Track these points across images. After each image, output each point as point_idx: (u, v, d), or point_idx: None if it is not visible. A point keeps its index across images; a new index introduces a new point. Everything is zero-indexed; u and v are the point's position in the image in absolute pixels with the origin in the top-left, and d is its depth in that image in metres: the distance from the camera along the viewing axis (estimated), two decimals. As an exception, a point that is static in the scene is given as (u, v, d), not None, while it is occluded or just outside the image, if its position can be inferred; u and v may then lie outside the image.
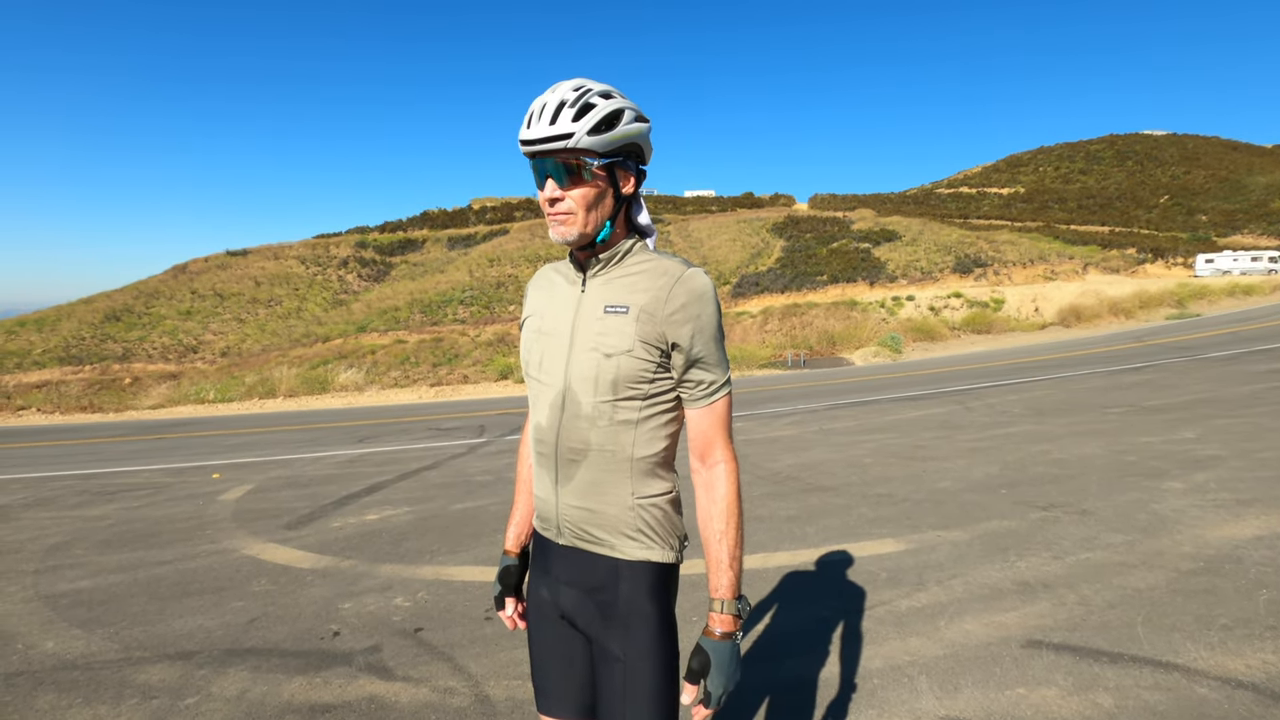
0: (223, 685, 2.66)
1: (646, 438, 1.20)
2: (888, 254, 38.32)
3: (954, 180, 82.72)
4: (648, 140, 1.24)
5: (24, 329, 35.84)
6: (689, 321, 1.16)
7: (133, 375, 28.07)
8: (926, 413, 8.69)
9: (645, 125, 1.23)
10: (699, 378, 1.19)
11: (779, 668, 2.61)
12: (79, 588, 3.85)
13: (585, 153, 1.16)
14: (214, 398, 17.74)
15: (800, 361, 20.59)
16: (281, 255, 44.59)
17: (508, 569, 1.46)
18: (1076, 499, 4.44)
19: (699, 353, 1.18)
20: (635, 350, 1.16)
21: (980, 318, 26.82)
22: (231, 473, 7.32)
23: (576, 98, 1.16)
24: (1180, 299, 27.44)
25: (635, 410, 1.19)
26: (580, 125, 1.15)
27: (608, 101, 1.17)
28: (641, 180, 1.28)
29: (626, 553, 1.23)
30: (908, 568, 3.48)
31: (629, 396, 1.18)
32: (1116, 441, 6.04)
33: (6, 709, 2.56)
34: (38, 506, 6.06)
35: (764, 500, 4.94)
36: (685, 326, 1.16)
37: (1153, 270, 36.79)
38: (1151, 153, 74.54)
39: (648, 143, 1.25)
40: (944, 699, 2.32)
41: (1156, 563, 3.32)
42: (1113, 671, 2.40)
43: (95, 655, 2.97)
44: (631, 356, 1.16)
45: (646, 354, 1.17)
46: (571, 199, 1.18)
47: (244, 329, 35.59)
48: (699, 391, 1.20)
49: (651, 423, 1.20)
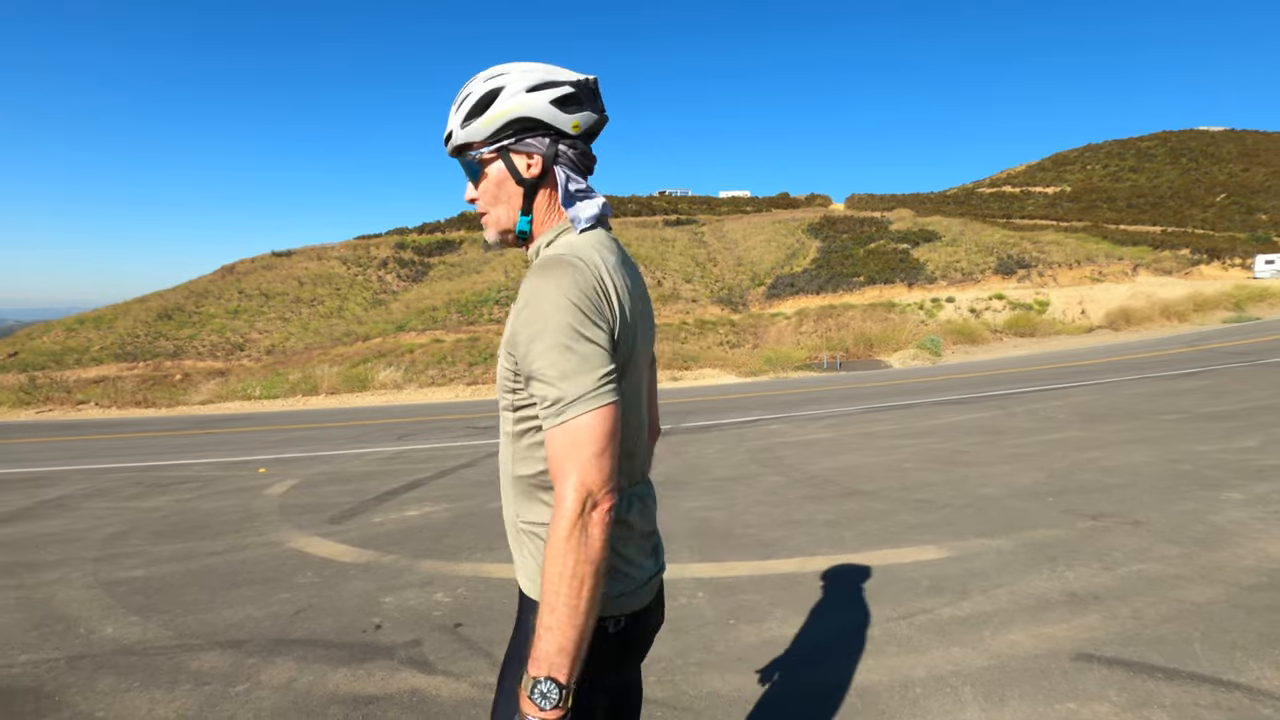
0: (271, 674, 2.74)
1: (524, 455, 1.08)
2: (927, 255, 37.54)
3: (996, 179, 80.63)
4: (553, 108, 1.07)
5: (83, 326, 37.45)
6: (524, 325, 0.99)
7: (183, 371, 29.12)
8: (968, 417, 8.49)
9: (542, 94, 1.07)
10: (537, 391, 0.99)
11: (817, 672, 2.58)
12: (135, 576, 4.01)
13: (468, 147, 1.11)
14: (259, 394, 18.30)
15: (836, 364, 20.32)
16: (324, 256, 45.75)
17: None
18: (1128, 508, 4.28)
19: (531, 362, 0.98)
20: (502, 358, 1.08)
21: (1023, 320, 26.09)
22: (277, 467, 7.53)
23: (463, 94, 1.11)
24: (1238, 301, 26.26)
25: (511, 423, 1.09)
26: (456, 119, 1.10)
27: (485, 84, 1.09)
28: (573, 153, 1.10)
29: (520, 579, 1.14)
30: (950, 575, 3.41)
31: (504, 407, 1.10)
32: (1170, 449, 5.81)
33: (69, 689, 2.67)
34: (97, 497, 6.33)
35: (801, 504, 4.89)
36: (522, 330, 0.99)
37: (1208, 271, 35.31)
38: (1208, 149, 71.57)
39: (556, 110, 1.07)
40: (990, 711, 2.26)
41: (1215, 576, 3.19)
42: (1169, 689, 2.31)
43: (151, 641, 3.09)
44: (501, 364, 1.08)
45: (508, 361, 1.06)
46: (480, 199, 1.13)
47: (288, 327, 36.61)
48: (541, 409, 0.99)
49: (527, 439, 1.07)
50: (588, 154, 1.14)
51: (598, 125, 1.14)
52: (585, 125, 1.11)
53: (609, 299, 1.01)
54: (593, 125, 1.13)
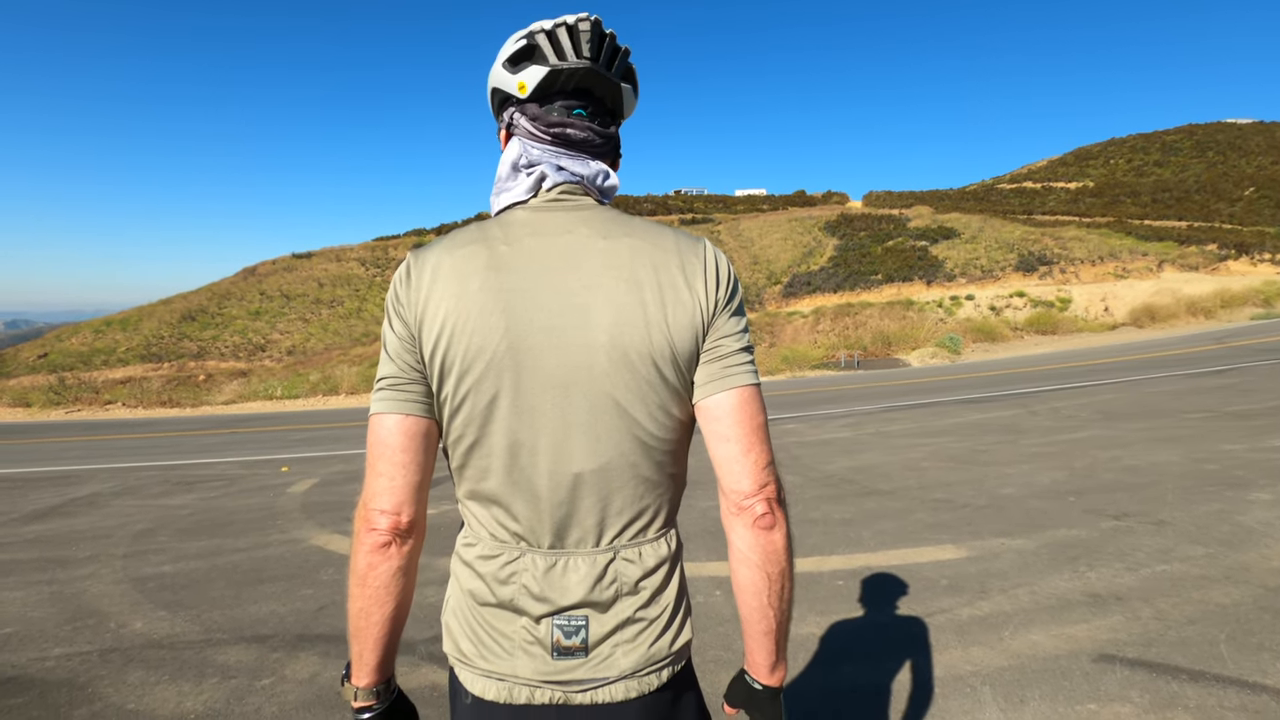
0: (295, 669, 2.80)
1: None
2: (945, 252, 37.15)
3: (1017, 175, 79.58)
4: (504, 70, 0.92)
5: (110, 328, 38.27)
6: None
7: (206, 372, 29.62)
8: (987, 416, 8.40)
9: (499, 63, 0.92)
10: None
11: (834, 672, 2.58)
12: (163, 572, 4.10)
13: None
14: (281, 394, 18.57)
15: (854, 362, 20.17)
16: (343, 257, 46.31)
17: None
18: (1152, 508, 4.22)
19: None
20: None
21: (1045, 318, 25.72)
22: (299, 466, 7.65)
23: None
24: (1267, 298, 25.69)
25: None
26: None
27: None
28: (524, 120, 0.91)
29: None
30: (969, 575, 3.38)
31: None
32: (1195, 449, 5.71)
33: (101, 681, 2.75)
34: (126, 495, 6.47)
35: (817, 503, 4.87)
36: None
37: (1236, 267, 34.56)
38: (1235, 142, 70.06)
39: (505, 73, 0.91)
40: (1009, 711, 2.25)
41: (1241, 578, 3.14)
42: (1193, 690, 2.29)
43: (179, 635, 3.16)
44: None
45: None
46: None
47: (308, 328, 37.11)
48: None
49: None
50: (543, 118, 0.89)
51: (550, 80, 0.88)
52: (533, 83, 0.88)
53: (415, 295, 0.84)
54: (543, 81, 0.88)
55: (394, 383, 0.85)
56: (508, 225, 0.87)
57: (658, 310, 0.83)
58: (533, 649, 0.85)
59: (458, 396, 0.83)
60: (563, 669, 0.85)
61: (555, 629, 0.85)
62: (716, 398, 0.85)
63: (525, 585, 0.86)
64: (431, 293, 0.83)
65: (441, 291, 0.82)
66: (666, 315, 0.83)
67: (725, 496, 0.87)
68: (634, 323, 0.82)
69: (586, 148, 0.91)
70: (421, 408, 0.85)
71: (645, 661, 0.86)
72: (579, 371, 0.82)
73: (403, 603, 0.88)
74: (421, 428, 0.85)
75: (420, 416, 0.85)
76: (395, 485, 0.84)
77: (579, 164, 0.91)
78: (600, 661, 0.85)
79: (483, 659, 0.87)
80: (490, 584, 0.87)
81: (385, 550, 0.84)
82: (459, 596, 0.91)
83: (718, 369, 0.86)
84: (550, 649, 0.85)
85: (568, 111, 0.90)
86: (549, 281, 0.83)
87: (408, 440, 0.84)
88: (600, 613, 0.86)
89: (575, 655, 0.85)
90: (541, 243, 0.85)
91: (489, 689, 0.87)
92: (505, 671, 0.86)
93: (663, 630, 0.88)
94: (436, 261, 0.84)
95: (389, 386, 0.85)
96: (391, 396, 0.84)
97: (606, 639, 0.86)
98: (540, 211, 0.88)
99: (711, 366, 0.86)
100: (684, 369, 0.85)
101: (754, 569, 0.85)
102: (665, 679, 0.89)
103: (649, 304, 0.83)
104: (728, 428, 0.85)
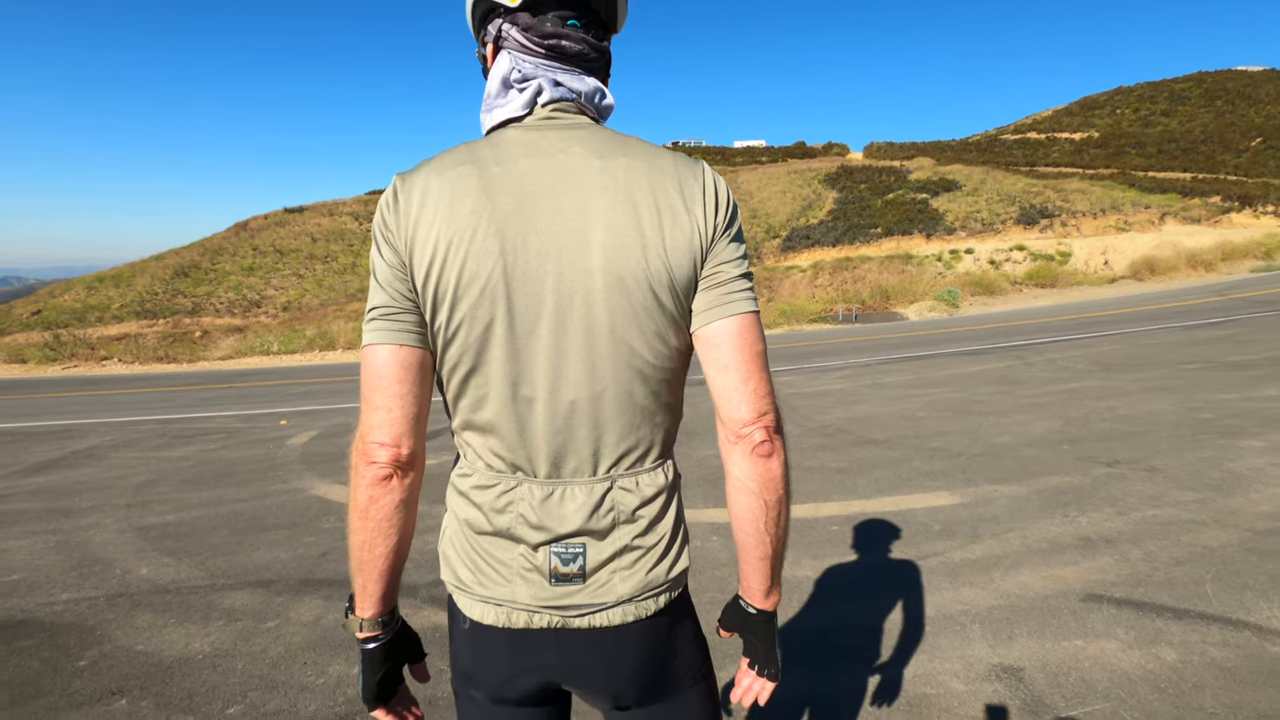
0: (299, 611, 2.85)
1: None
2: (946, 205, 36.68)
3: (1021, 125, 77.97)
4: None
5: (103, 285, 37.90)
6: None
7: (202, 328, 29.50)
8: (984, 367, 8.43)
9: None
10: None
11: (829, 612, 2.64)
12: (166, 521, 4.14)
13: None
14: (277, 349, 18.53)
15: (852, 316, 20.14)
16: (336, 212, 45.60)
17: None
18: (1145, 456, 4.27)
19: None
20: None
21: (1044, 271, 25.58)
22: (297, 420, 7.68)
23: None
24: (1268, 250, 25.52)
25: None
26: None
27: None
28: (515, 31, 0.85)
29: None
30: (962, 520, 3.44)
31: None
32: (1190, 398, 5.75)
33: (109, 625, 2.80)
34: (125, 448, 6.50)
35: (813, 452, 4.92)
36: None
37: (1239, 220, 34.23)
38: (1245, 90, 68.47)
39: None
40: (997, 647, 2.31)
41: (1229, 521, 3.19)
42: (1178, 627, 2.34)
43: (184, 581, 3.21)
44: None
45: None
46: None
47: (303, 284, 36.81)
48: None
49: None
50: (536, 29, 0.84)
51: None
52: None
53: (403, 220, 0.80)
54: None
55: (386, 312, 0.82)
56: (499, 145, 0.83)
57: (655, 234, 0.80)
58: (530, 575, 0.85)
59: (452, 325, 0.81)
60: (560, 594, 0.85)
61: (553, 556, 0.85)
62: (715, 325, 0.83)
63: (522, 514, 0.85)
64: (421, 217, 0.79)
65: (431, 215, 0.79)
66: (664, 239, 0.80)
67: (723, 425, 0.85)
68: (630, 247, 0.79)
69: (581, 61, 0.87)
70: (416, 338, 0.82)
71: (643, 587, 0.86)
72: (575, 297, 0.79)
73: (405, 535, 0.88)
74: (416, 358, 0.83)
75: (415, 347, 0.82)
76: (393, 417, 0.82)
77: (575, 79, 0.86)
78: (598, 587, 0.86)
79: (481, 585, 0.87)
80: (487, 513, 0.86)
81: (386, 483, 0.83)
82: (455, 526, 0.91)
83: (716, 296, 0.83)
84: (548, 575, 0.85)
85: (561, 22, 0.85)
86: (543, 204, 0.79)
87: (403, 371, 0.82)
88: (598, 540, 0.85)
89: (573, 581, 0.85)
90: (535, 164, 0.81)
91: (487, 614, 0.87)
92: (503, 597, 0.86)
93: (660, 557, 0.88)
94: (425, 184, 0.80)
95: (381, 316, 0.82)
96: (384, 327, 0.82)
97: (604, 565, 0.86)
98: (533, 130, 0.84)
99: (710, 294, 0.83)
100: (681, 296, 0.82)
101: (752, 496, 0.85)
102: (662, 604, 0.89)
103: (646, 227, 0.79)
104: (727, 355, 0.83)
